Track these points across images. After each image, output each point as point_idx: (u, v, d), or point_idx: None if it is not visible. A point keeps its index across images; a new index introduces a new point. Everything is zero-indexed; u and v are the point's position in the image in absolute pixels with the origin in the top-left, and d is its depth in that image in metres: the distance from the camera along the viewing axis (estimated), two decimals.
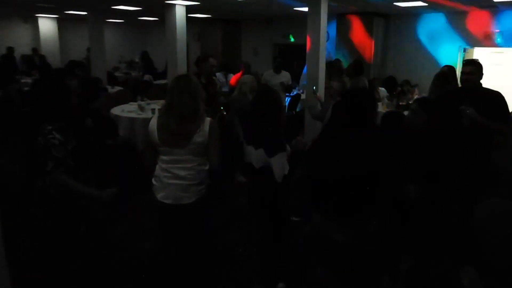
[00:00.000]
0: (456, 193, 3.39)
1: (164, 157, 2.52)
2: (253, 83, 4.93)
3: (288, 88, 6.76)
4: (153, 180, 2.60)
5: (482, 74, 3.30)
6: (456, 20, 8.51)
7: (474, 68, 3.23)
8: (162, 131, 2.46)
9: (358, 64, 6.19)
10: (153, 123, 2.50)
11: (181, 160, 2.49)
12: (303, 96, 7.99)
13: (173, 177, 2.51)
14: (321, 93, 5.81)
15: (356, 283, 2.47)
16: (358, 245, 2.35)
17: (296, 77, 8.24)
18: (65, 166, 2.49)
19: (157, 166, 2.57)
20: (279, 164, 2.49)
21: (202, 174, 2.57)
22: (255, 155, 2.58)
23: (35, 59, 11.83)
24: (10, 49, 11.60)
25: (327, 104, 4.35)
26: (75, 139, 2.57)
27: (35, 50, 12.59)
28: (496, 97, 3.25)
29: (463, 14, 8.37)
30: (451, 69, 4.48)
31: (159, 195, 2.55)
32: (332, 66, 6.31)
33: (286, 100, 7.17)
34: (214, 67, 4.21)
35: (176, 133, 2.44)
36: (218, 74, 7.54)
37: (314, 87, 6.06)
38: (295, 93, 8.01)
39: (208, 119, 2.55)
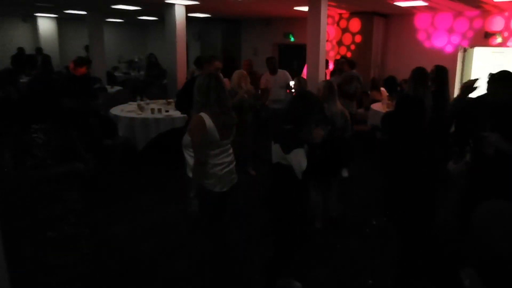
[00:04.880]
0: None
1: (214, 151, 2.72)
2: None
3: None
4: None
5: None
6: (456, 20, 8.51)
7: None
8: (219, 126, 2.66)
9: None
10: (210, 123, 2.62)
11: (226, 149, 2.81)
12: None
13: (225, 165, 2.78)
14: None
15: None
16: None
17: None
18: (43, 165, 2.48)
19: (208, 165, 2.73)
20: (296, 161, 2.54)
21: None
22: (273, 150, 2.71)
23: (38, 58, 11.77)
24: (21, 50, 11.50)
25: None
26: (60, 140, 2.56)
27: (38, 49, 12.53)
28: None
29: (463, 14, 8.38)
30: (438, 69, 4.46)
31: (217, 188, 2.75)
32: None
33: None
34: (219, 69, 4.19)
35: (228, 126, 2.74)
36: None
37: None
38: None
39: None
